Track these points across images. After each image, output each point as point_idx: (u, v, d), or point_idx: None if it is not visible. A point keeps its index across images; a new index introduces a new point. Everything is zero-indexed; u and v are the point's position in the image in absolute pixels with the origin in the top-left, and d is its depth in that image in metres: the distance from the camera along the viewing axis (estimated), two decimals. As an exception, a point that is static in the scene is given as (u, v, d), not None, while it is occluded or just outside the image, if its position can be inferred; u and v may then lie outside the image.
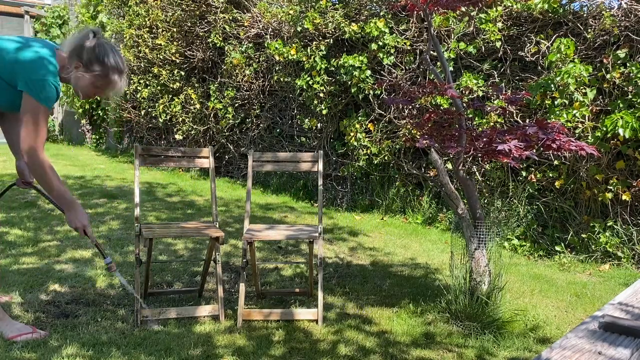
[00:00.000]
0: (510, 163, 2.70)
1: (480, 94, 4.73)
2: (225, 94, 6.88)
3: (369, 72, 5.39)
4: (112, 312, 2.91)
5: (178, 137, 7.59)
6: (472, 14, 4.83)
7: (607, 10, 4.33)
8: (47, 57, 2.32)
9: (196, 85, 7.44)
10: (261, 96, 6.76)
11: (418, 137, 3.11)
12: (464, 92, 4.76)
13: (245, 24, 6.71)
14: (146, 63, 7.94)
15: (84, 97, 2.50)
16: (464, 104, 3.82)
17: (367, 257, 4.19)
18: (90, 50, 2.34)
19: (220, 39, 6.91)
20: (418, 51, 5.30)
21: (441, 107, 4.80)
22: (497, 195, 4.75)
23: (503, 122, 4.69)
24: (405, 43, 5.28)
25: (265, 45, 6.33)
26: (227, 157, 7.44)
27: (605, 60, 4.26)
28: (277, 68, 6.39)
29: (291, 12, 6.00)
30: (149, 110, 8.13)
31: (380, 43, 5.29)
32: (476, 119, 4.69)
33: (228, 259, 3.93)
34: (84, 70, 2.36)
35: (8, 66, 2.31)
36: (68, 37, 2.47)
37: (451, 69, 4.96)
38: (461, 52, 4.98)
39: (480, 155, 2.92)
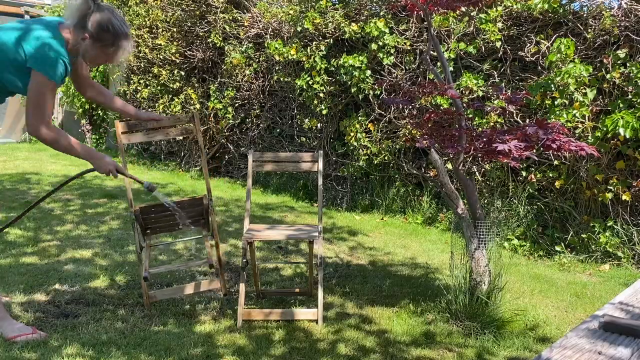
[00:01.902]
0: (510, 163, 2.70)
1: (480, 94, 4.73)
2: (225, 94, 6.88)
3: (369, 72, 5.38)
4: (112, 312, 2.91)
5: (178, 137, 7.58)
6: (472, 14, 4.83)
7: (607, 10, 4.33)
8: (52, 36, 2.33)
9: (196, 85, 7.44)
10: (261, 96, 6.76)
11: (418, 137, 3.10)
12: (464, 92, 4.76)
13: (245, 24, 6.71)
14: (146, 63, 7.94)
15: (94, 65, 2.55)
16: (464, 104, 3.83)
17: (367, 257, 4.19)
18: (94, 20, 2.34)
19: (220, 39, 6.91)
20: (418, 51, 5.30)
21: (441, 107, 4.80)
22: (497, 195, 4.75)
23: (503, 122, 4.69)
24: (405, 43, 5.28)
25: (265, 45, 6.33)
26: (227, 157, 7.44)
27: (605, 60, 4.26)
28: (277, 68, 6.39)
29: (291, 12, 6.00)
30: (149, 110, 8.13)
31: (380, 43, 5.29)
32: (476, 119, 4.69)
33: (228, 259, 3.93)
34: (92, 41, 2.38)
35: (13, 49, 2.31)
36: (68, 7, 2.47)
37: (451, 69, 4.96)
38: (461, 52, 4.98)
39: (480, 155, 2.92)
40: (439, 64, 4.69)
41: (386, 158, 5.49)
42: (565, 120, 4.24)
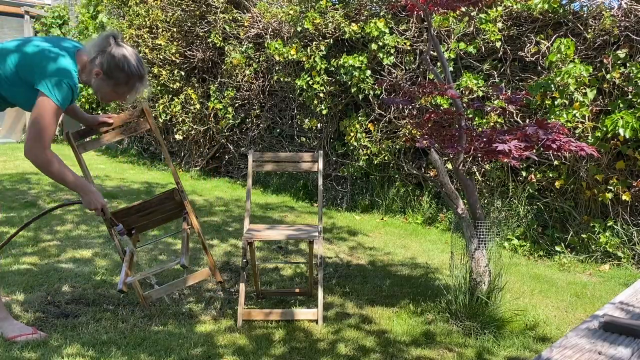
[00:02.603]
0: (510, 163, 2.70)
1: (480, 94, 4.74)
2: (225, 94, 6.88)
3: (369, 72, 5.39)
4: (112, 312, 2.91)
5: (178, 137, 7.59)
6: (472, 14, 4.83)
7: (607, 10, 4.33)
8: (66, 61, 2.33)
9: (196, 85, 7.44)
10: (261, 96, 6.76)
11: (418, 137, 3.10)
12: (463, 92, 4.76)
13: (245, 24, 6.71)
14: (146, 63, 7.91)
15: (105, 101, 2.53)
16: (464, 104, 3.82)
17: (367, 257, 4.19)
18: (110, 57, 2.34)
19: (220, 39, 6.91)
20: (418, 51, 5.30)
21: (441, 107, 4.80)
22: (497, 195, 4.75)
23: (503, 122, 4.69)
24: (405, 43, 5.28)
25: (265, 45, 6.33)
26: (227, 157, 7.44)
27: (605, 60, 4.26)
28: (277, 68, 6.39)
29: (291, 12, 6.00)
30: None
31: (380, 43, 5.29)
32: (476, 119, 4.69)
33: (228, 259, 3.93)
34: (104, 77, 2.38)
35: (27, 67, 2.32)
36: (90, 40, 2.47)
37: (451, 69, 4.96)
38: (461, 52, 4.98)
39: (480, 155, 2.92)
40: (439, 64, 4.69)
41: (386, 158, 5.49)
42: (565, 120, 4.24)
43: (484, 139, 2.84)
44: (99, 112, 9.87)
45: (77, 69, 2.36)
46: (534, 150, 2.79)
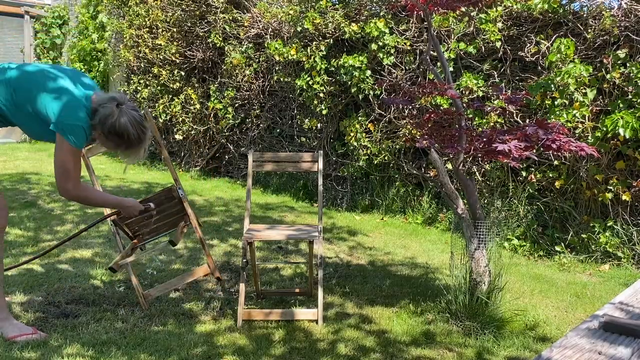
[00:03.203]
0: (510, 163, 2.70)
1: (480, 94, 4.74)
2: (225, 94, 6.88)
3: (369, 72, 5.38)
4: (112, 312, 2.91)
5: (178, 137, 7.59)
6: (472, 14, 4.83)
7: (607, 10, 4.33)
8: (81, 103, 2.38)
9: (196, 85, 7.44)
10: (261, 96, 6.76)
11: (418, 137, 3.10)
12: (463, 92, 4.76)
13: (245, 24, 6.71)
14: (146, 63, 7.93)
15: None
16: (464, 104, 3.82)
17: (367, 257, 4.19)
18: (110, 126, 2.38)
19: (220, 39, 6.91)
20: (418, 51, 5.30)
21: (441, 107, 4.80)
22: (497, 195, 4.75)
23: (503, 122, 4.69)
24: (405, 43, 5.28)
25: (265, 45, 6.33)
26: (227, 157, 7.44)
27: (605, 60, 4.26)
28: (277, 68, 6.39)
29: (291, 12, 6.00)
30: (149, 110, 8.14)
31: (380, 43, 5.29)
32: (476, 119, 4.69)
33: (228, 259, 3.93)
34: (105, 139, 2.44)
35: (42, 102, 2.36)
36: (103, 94, 2.51)
37: (451, 69, 4.96)
38: (461, 52, 4.98)
39: (480, 155, 2.92)
40: (439, 64, 4.69)
41: (386, 158, 5.49)
42: (565, 120, 4.24)
43: (484, 139, 2.84)
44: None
45: (90, 111, 2.40)
46: (534, 150, 2.79)
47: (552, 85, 4.31)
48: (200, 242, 2.98)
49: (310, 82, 5.78)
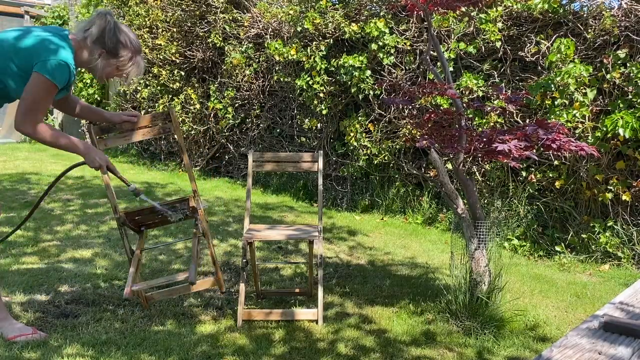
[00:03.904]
0: (510, 163, 2.70)
1: (480, 94, 4.73)
2: (225, 94, 6.88)
3: (369, 72, 5.39)
4: (112, 312, 2.91)
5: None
6: (472, 14, 4.83)
7: (607, 10, 4.33)
8: (64, 46, 2.33)
9: (196, 85, 7.44)
10: (261, 96, 6.76)
11: (418, 137, 3.10)
12: (463, 92, 4.76)
13: (245, 24, 6.71)
14: (146, 63, 7.93)
15: (103, 81, 2.54)
16: (464, 104, 3.82)
17: (367, 257, 4.19)
18: (112, 35, 2.35)
19: (220, 39, 6.91)
20: (418, 51, 5.30)
21: (441, 107, 4.80)
22: (497, 195, 4.75)
23: (503, 122, 4.69)
24: (405, 43, 5.28)
25: (265, 45, 6.33)
26: (227, 157, 7.44)
27: (605, 60, 4.26)
28: (277, 68, 6.39)
29: (291, 12, 6.00)
30: (149, 110, 8.14)
31: (380, 43, 5.29)
32: (476, 119, 4.69)
33: (228, 259, 3.93)
34: (109, 56, 2.38)
35: (25, 57, 2.31)
36: (79, 22, 2.47)
37: (451, 69, 4.96)
38: (461, 52, 4.98)
39: (480, 155, 2.92)
40: (439, 64, 4.69)
41: (386, 158, 5.49)
42: (565, 120, 4.24)
43: (484, 139, 2.84)
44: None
45: (74, 52, 2.36)
46: (534, 150, 2.79)
47: (552, 85, 4.31)
48: (211, 256, 2.95)
49: (310, 82, 5.78)
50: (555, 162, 4.49)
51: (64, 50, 2.31)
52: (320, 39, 5.77)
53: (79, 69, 2.47)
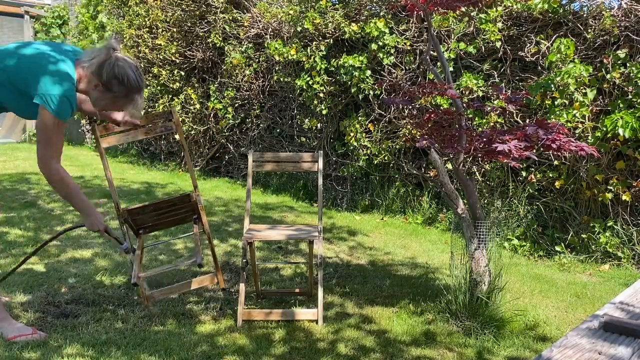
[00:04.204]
0: (510, 163, 2.70)
1: (480, 94, 4.74)
2: (225, 94, 6.88)
3: (369, 72, 5.38)
4: (112, 312, 2.91)
5: (178, 137, 7.58)
6: (472, 14, 4.83)
7: (607, 10, 4.33)
8: (65, 72, 2.33)
9: (196, 85, 7.44)
10: (261, 96, 6.76)
11: (418, 137, 3.10)
12: (463, 92, 4.76)
13: (245, 24, 6.71)
14: (146, 63, 7.93)
15: (102, 111, 2.58)
16: (464, 104, 3.82)
17: (367, 257, 4.19)
18: (109, 70, 2.33)
19: (220, 39, 6.91)
20: (418, 51, 5.30)
21: (441, 107, 4.80)
22: (497, 195, 4.75)
23: (503, 122, 4.69)
24: (405, 43, 5.28)
25: (265, 45, 6.33)
26: (227, 157, 7.44)
27: (605, 60, 4.26)
28: (277, 68, 6.39)
29: (291, 12, 6.00)
30: (149, 110, 8.14)
31: (380, 43, 5.29)
32: (476, 119, 4.69)
33: (228, 259, 3.93)
34: (104, 89, 2.37)
35: (24, 75, 2.32)
36: (89, 49, 2.49)
37: (451, 69, 4.96)
38: (461, 52, 4.98)
39: (480, 155, 2.92)
40: (439, 64, 4.69)
41: (386, 158, 5.49)
42: (565, 120, 4.24)
43: (484, 139, 2.84)
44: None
45: (75, 80, 2.36)
46: (534, 150, 2.79)
47: (552, 85, 4.31)
48: (212, 253, 2.99)
49: (310, 82, 5.78)
50: (555, 162, 4.49)
51: (66, 83, 2.30)
52: (320, 39, 5.77)
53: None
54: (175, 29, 7.44)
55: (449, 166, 4.58)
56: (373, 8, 5.63)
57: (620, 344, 1.47)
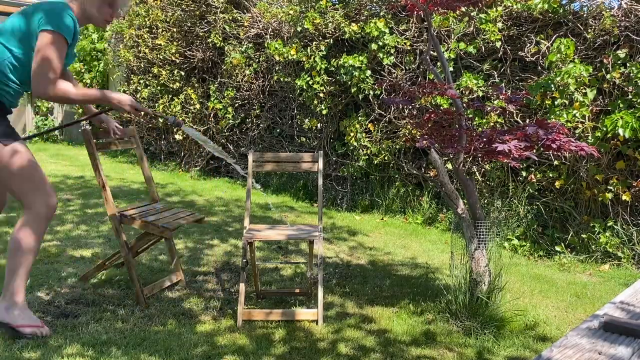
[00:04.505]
0: (510, 163, 2.70)
1: (480, 94, 4.74)
2: (225, 94, 6.89)
3: (369, 72, 5.39)
4: (112, 312, 2.91)
5: (178, 137, 7.59)
6: (472, 14, 4.83)
7: (607, 10, 4.33)
8: (61, 2, 2.39)
9: (196, 85, 7.44)
10: (261, 96, 6.76)
11: (418, 137, 3.10)
12: (463, 92, 4.76)
13: (245, 24, 6.71)
14: (146, 63, 7.94)
15: (103, 23, 2.56)
16: (464, 104, 3.83)
17: (367, 257, 4.19)
18: None
19: (220, 39, 6.91)
20: (418, 51, 5.30)
21: (441, 107, 4.80)
22: (497, 195, 4.75)
23: (503, 122, 4.69)
24: (405, 43, 5.28)
25: (265, 45, 6.33)
26: (227, 157, 7.44)
27: (605, 60, 4.26)
28: (277, 68, 6.39)
29: (291, 12, 6.00)
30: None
31: (380, 43, 5.29)
32: (476, 119, 4.70)
33: (228, 259, 3.93)
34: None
35: (32, 29, 2.34)
36: None
37: (451, 69, 4.96)
38: (461, 52, 4.98)
39: (480, 155, 2.92)
40: (439, 64, 4.69)
41: (386, 158, 5.49)
42: (565, 120, 4.24)
43: (484, 139, 2.84)
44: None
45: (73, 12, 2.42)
46: (534, 150, 2.79)
47: (552, 85, 4.31)
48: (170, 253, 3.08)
49: (310, 82, 5.78)
50: (555, 162, 4.49)
51: (65, 7, 2.36)
52: (320, 39, 5.77)
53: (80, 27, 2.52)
54: (175, 29, 7.44)
55: (449, 166, 4.58)
56: (373, 8, 5.64)
57: (620, 344, 1.47)
